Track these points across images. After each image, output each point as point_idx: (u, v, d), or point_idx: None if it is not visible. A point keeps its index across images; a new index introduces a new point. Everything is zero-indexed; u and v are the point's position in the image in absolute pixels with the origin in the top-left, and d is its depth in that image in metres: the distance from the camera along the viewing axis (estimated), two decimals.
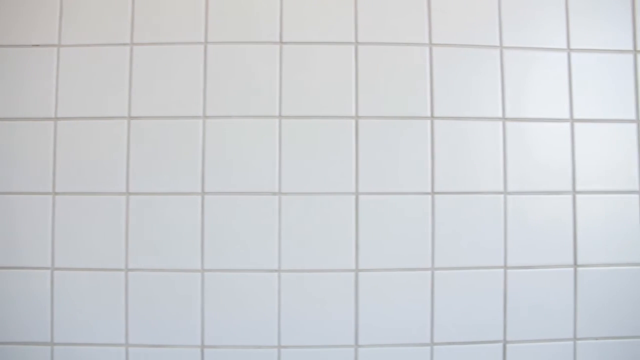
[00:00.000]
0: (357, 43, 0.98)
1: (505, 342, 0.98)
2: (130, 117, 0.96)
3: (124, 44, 0.97)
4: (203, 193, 0.96)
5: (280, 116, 0.97)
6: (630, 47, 1.03)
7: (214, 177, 0.96)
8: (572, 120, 1.01)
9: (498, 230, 0.98)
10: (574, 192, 1.00)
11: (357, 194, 0.97)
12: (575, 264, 0.99)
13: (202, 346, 0.95)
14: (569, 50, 1.01)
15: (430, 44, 0.99)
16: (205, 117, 0.96)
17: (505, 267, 0.98)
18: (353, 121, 0.97)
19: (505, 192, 0.99)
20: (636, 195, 1.00)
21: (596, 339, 0.99)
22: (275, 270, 0.96)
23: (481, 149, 0.99)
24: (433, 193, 0.97)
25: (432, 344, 0.97)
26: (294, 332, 0.96)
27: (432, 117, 0.98)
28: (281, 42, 0.98)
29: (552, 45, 1.01)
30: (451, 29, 1.00)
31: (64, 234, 0.95)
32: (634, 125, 1.02)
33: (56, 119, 0.96)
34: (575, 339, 1.00)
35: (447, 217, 0.97)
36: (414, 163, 0.97)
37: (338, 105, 0.97)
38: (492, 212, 0.98)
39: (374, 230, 0.97)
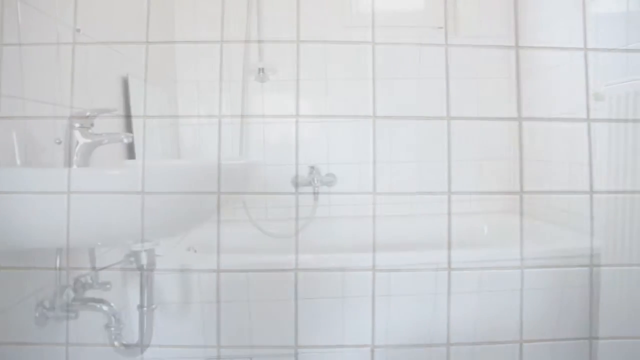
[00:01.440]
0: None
1: (373, 347, 0.96)
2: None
3: None
4: None
5: (144, 116, 0.97)
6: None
7: None
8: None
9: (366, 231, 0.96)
10: (449, 192, 0.97)
11: None
12: (450, 267, 0.96)
13: None
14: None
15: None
16: (70, 117, 0.97)
17: (374, 269, 0.96)
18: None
19: (375, 193, 0.96)
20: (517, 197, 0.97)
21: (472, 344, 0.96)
22: None
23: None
24: (297, 193, 0.96)
25: (297, 346, 0.96)
26: None
27: (297, 115, 0.97)
28: (147, 42, 0.98)
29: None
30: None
31: None
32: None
33: None
34: (449, 344, 0.96)
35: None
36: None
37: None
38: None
39: None
